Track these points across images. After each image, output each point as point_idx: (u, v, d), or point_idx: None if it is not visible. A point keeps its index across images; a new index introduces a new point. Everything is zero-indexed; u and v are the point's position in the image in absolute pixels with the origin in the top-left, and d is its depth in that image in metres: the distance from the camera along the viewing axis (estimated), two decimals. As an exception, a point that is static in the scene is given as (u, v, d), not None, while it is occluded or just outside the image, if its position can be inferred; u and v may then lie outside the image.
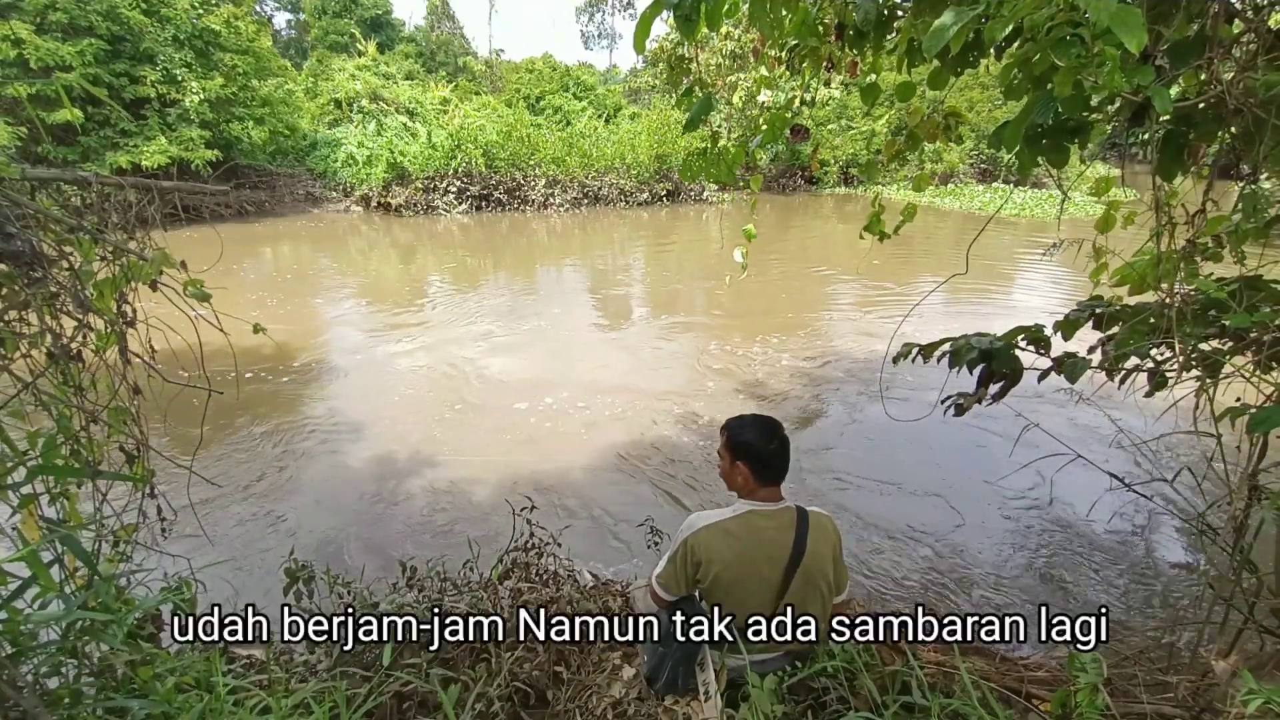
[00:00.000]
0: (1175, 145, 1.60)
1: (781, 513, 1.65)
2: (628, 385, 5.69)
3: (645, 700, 1.73)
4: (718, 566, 1.62)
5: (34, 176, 1.41)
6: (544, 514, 3.60)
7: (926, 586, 3.11)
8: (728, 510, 1.68)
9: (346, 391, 5.57)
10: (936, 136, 1.98)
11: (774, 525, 1.63)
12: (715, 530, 1.64)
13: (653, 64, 22.79)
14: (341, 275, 10.44)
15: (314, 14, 26.40)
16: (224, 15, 14.73)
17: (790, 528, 1.63)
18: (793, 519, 1.64)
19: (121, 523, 1.64)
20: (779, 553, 1.61)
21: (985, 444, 4.41)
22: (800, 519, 1.64)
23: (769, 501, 1.66)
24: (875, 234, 2.21)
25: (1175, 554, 3.33)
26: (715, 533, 1.64)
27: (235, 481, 4.06)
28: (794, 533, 1.62)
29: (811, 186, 22.94)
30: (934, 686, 1.49)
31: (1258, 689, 1.15)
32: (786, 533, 1.62)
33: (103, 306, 1.43)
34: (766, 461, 1.65)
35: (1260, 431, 1.50)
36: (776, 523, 1.63)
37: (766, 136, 2.14)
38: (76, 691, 1.25)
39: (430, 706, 1.66)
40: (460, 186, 17.33)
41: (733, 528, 1.64)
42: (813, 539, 1.62)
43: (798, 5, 1.88)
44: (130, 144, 13.76)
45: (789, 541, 1.61)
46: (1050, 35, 1.17)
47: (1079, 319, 1.95)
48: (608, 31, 43.09)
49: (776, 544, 1.61)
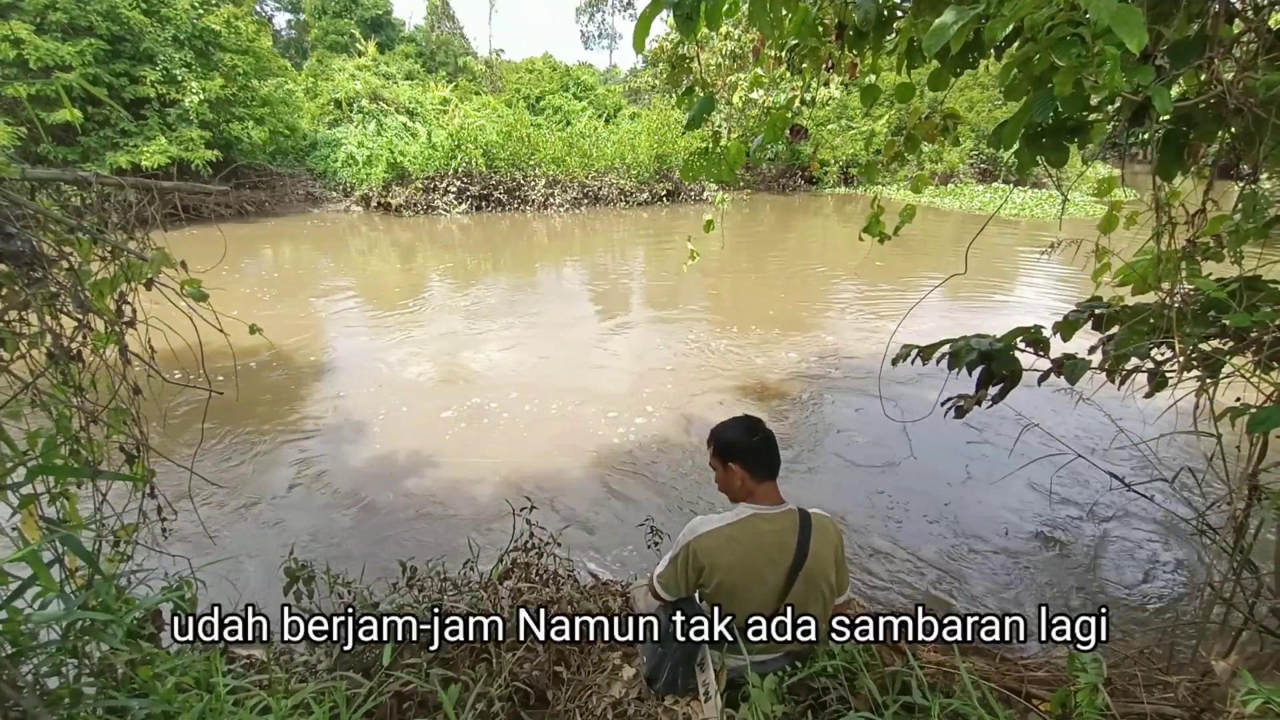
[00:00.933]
0: (1175, 145, 1.60)
1: (784, 515, 1.65)
2: (628, 385, 5.69)
3: (645, 700, 1.73)
4: (721, 573, 1.62)
5: (34, 176, 1.41)
6: (543, 514, 3.60)
7: (926, 586, 3.11)
8: (730, 515, 1.67)
9: (346, 391, 5.57)
10: (935, 137, 1.98)
11: (776, 528, 1.63)
12: (717, 536, 1.64)
13: (653, 64, 22.79)
14: (341, 275, 10.44)
15: (314, 14, 26.39)
16: (224, 15, 14.73)
17: (793, 530, 1.63)
18: (795, 522, 1.64)
19: (121, 523, 1.64)
20: (781, 556, 1.61)
21: (985, 444, 4.41)
22: (803, 521, 1.64)
23: (770, 504, 1.66)
24: (875, 235, 2.22)
25: (1175, 554, 3.32)
26: (718, 539, 1.63)
27: (235, 481, 4.07)
28: (796, 536, 1.62)
29: (811, 186, 22.94)
30: (934, 686, 1.49)
31: (1258, 689, 1.15)
32: (789, 535, 1.62)
33: (102, 306, 1.43)
34: (754, 455, 1.66)
35: (1260, 431, 1.50)
36: (779, 525, 1.63)
37: (768, 136, 2.14)
38: (77, 691, 1.25)
39: (430, 706, 1.66)
40: (460, 186, 17.33)
41: (735, 533, 1.63)
42: (815, 541, 1.62)
43: (798, 5, 1.88)
44: (130, 144, 13.75)
45: (792, 544, 1.61)
46: (1050, 35, 1.17)
47: (1078, 320, 1.95)
48: (608, 31, 43.14)
49: (779, 547, 1.61)
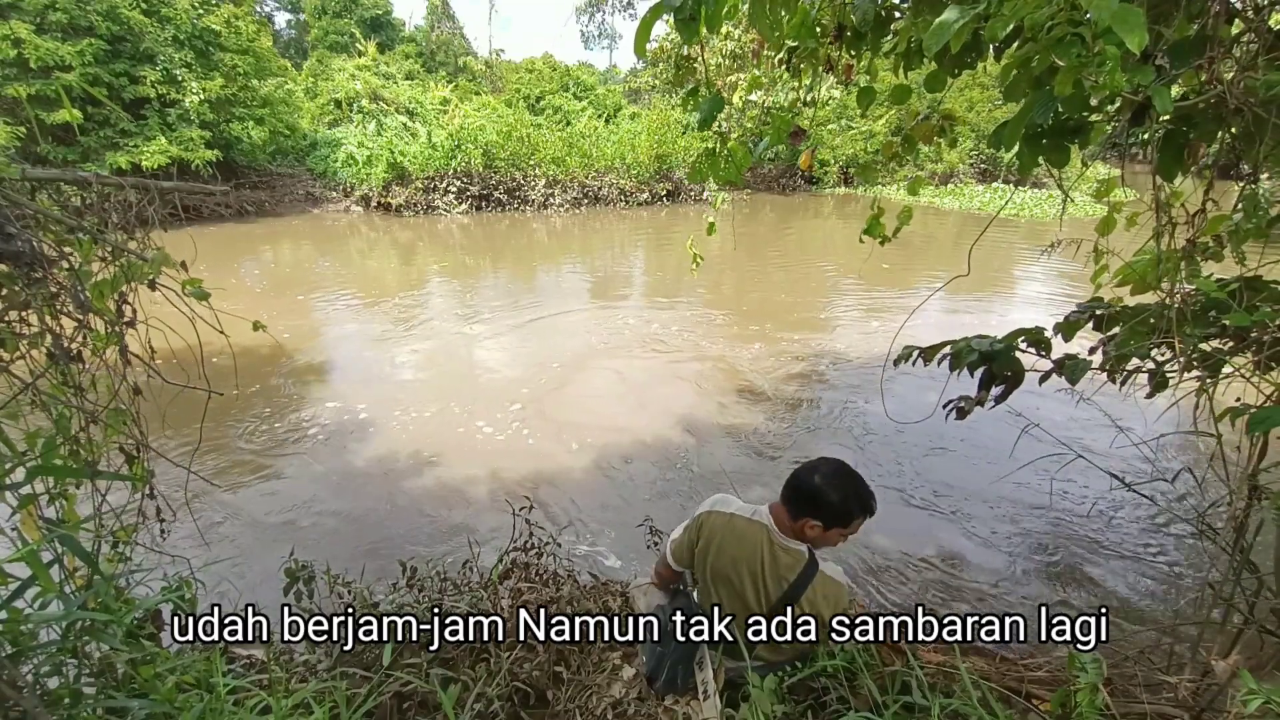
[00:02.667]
0: (1175, 145, 1.60)
1: (793, 551, 1.64)
2: (628, 386, 5.69)
3: (645, 700, 1.73)
4: (713, 554, 1.70)
5: (34, 176, 1.41)
6: (543, 514, 3.60)
7: (926, 586, 3.11)
8: (749, 510, 1.72)
9: (346, 391, 5.57)
10: (932, 139, 1.98)
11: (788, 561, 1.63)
12: (727, 520, 1.71)
13: (653, 64, 22.79)
14: (341, 275, 10.43)
15: (314, 14, 26.38)
16: (224, 15, 14.71)
17: (794, 569, 1.62)
18: (802, 563, 1.62)
19: (121, 523, 1.64)
20: (772, 586, 1.63)
21: (985, 444, 4.41)
22: (808, 567, 1.62)
23: (786, 534, 1.64)
24: (875, 237, 2.21)
25: (1175, 554, 3.33)
26: (726, 522, 1.71)
27: (235, 481, 4.07)
28: (796, 575, 1.62)
29: (811, 186, 22.93)
30: (934, 686, 1.49)
31: (1258, 689, 1.15)
32: (788, 572, 1.62)
33: (102, 307, 1.42)
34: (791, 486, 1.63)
35: (1260, 431, 1.50)
36: (791, 559, 1.63)
37: (772, 138, 2.14)
38: (77, 691, 1.25)
39: (430, 706, 1.66)
40: (460, 186, 17.32)
41: (742, 527, 1.69)
42: (813, 593, 1.62)
43: (797, 6, 1.88)
44: (130, 144, 13.74)
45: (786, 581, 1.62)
46: (1050, 35, 1.17)
47: (1079, 320, 1.95)
48: (608, 31, 43.06)
49: (772, 576, 1.63)
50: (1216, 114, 1.50)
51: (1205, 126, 1.55)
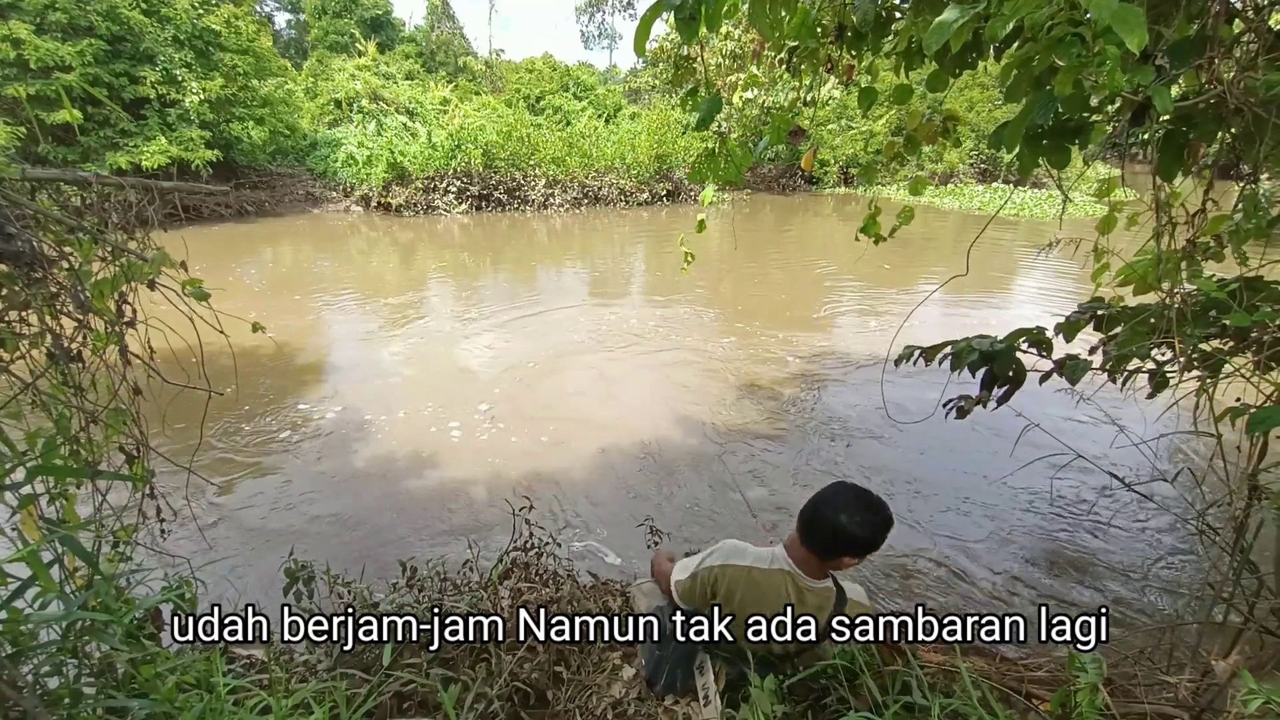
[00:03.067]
0: (1175, 145, 1.60)
1: (822, 591, 1.64)
2: (628, 386, 5.69)
3: (645, 700, 1.73)
4: (735, 607, 1.65)
5: (34, 176, 1.41)
6: (543, 514, 3.60)
7: (927, 586, 3.11)
8: (766, 556, 1.66)
9: (346, 391, 5.57)
10: (934, 139, 1.98)
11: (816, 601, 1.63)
12: (744, 573, 1.65)
13: (653, 64, 22.80)
14: (341, 275, 10.43)
15: (314, 14, 26.39)
16: (224, 15, 14.71)
17: (823, 610, 1.63)
18: (831, 598, 1.64)
19: (121, 523, 1.64)
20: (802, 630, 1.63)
21: (985, 444, 4.41)
22: (839, 598, 1.64)
23: (810, 574, 1.62)
24: (871, 236, 2.22)
25: (1175, 554, 3.32)
26: (743, 575, 1.65)
27: (234, 481, 4.06)
28: (830, 611, 1.63)
29: (811, 186, 22.93)
30: (934, 686, 1.49)
31: (1258, 689, 1.15)
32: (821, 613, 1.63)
33: (102, 307, 1.42)
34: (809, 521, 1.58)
35: (1260, 431, 1.50)
36: (818, 599, 1.63)
37: (772, 138, 2.14)
38: (77, 691, 1.25)
39: (430, 706, 1.66)
40: (460, 186, 17.32)
41: (760, 579, 1.64)
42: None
43: (797, 6, 1.88)
44: (130, 144, 13.74)
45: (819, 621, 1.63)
46: (1050, 35, 1.17)
47: (1080, 320, 1.95)
48: (608, 31, 43.10)
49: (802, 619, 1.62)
50: (1216, 114, 1.51)
51: (1205, 126, 1.55)
